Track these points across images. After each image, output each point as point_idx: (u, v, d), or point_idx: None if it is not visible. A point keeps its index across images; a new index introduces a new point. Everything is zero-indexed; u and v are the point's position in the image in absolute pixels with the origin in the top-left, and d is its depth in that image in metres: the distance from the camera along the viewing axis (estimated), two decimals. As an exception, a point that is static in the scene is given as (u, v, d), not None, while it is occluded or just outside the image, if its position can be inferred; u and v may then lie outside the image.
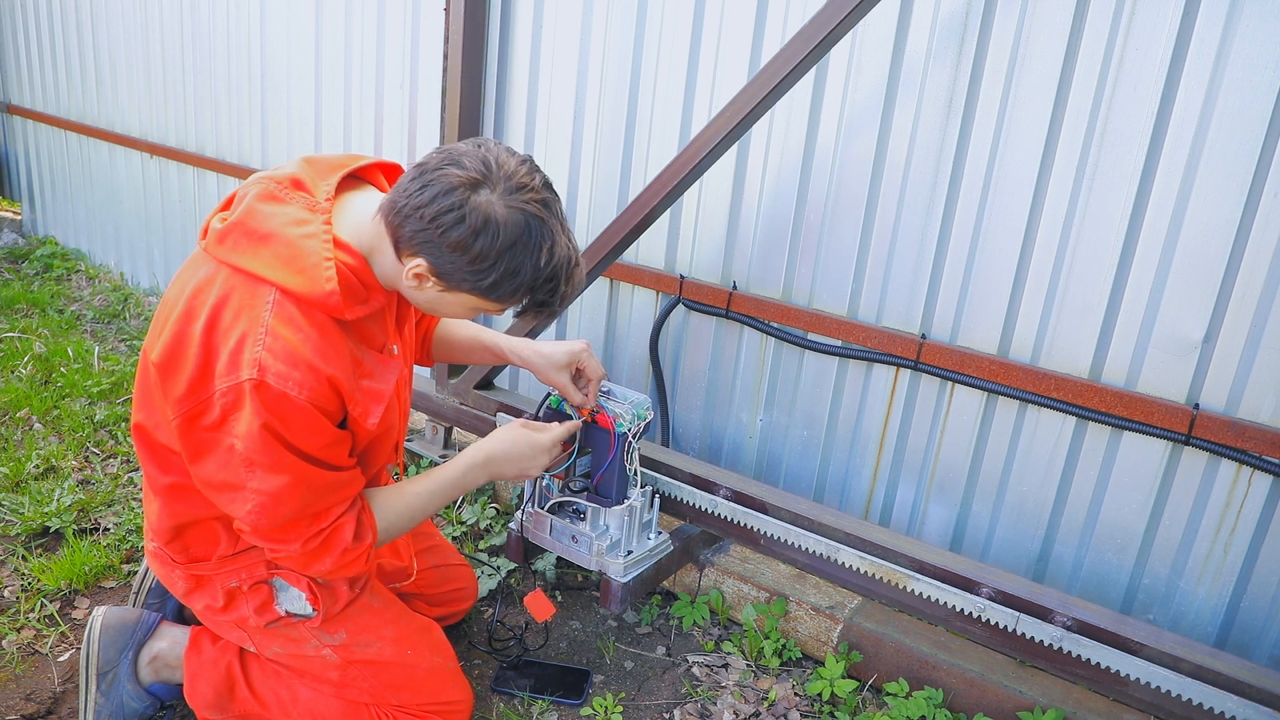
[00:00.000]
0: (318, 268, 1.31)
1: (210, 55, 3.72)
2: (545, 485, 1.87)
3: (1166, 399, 1.83)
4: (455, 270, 1.29)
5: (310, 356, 1.30)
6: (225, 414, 1.29)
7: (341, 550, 1.42)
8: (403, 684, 1.64)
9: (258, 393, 1.26)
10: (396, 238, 1.31)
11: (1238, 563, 1.83)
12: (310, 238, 1.32)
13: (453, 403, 2.51)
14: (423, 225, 1.26)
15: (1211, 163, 1.70)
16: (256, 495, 1.32)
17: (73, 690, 1.80)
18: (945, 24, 1.94)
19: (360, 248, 1.37)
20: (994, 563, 2.12)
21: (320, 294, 1.31)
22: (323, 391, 1.31)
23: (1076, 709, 1.75)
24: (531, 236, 1.29)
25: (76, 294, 4.34)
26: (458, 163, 1.27)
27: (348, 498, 1.44)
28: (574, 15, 2.48)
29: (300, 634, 1.60)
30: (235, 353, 1.27)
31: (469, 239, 1.25)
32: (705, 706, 1.88)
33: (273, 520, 1.35)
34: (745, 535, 1.95)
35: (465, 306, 1.40)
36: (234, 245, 1.32)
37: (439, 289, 1.34)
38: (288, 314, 1.30)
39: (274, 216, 1.33)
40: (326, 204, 1.36)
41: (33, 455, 2.63)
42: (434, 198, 1.25)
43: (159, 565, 1.61)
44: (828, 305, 2.23)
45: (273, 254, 1.31)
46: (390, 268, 1.37)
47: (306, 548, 1.40)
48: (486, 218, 1.25)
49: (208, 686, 1.65)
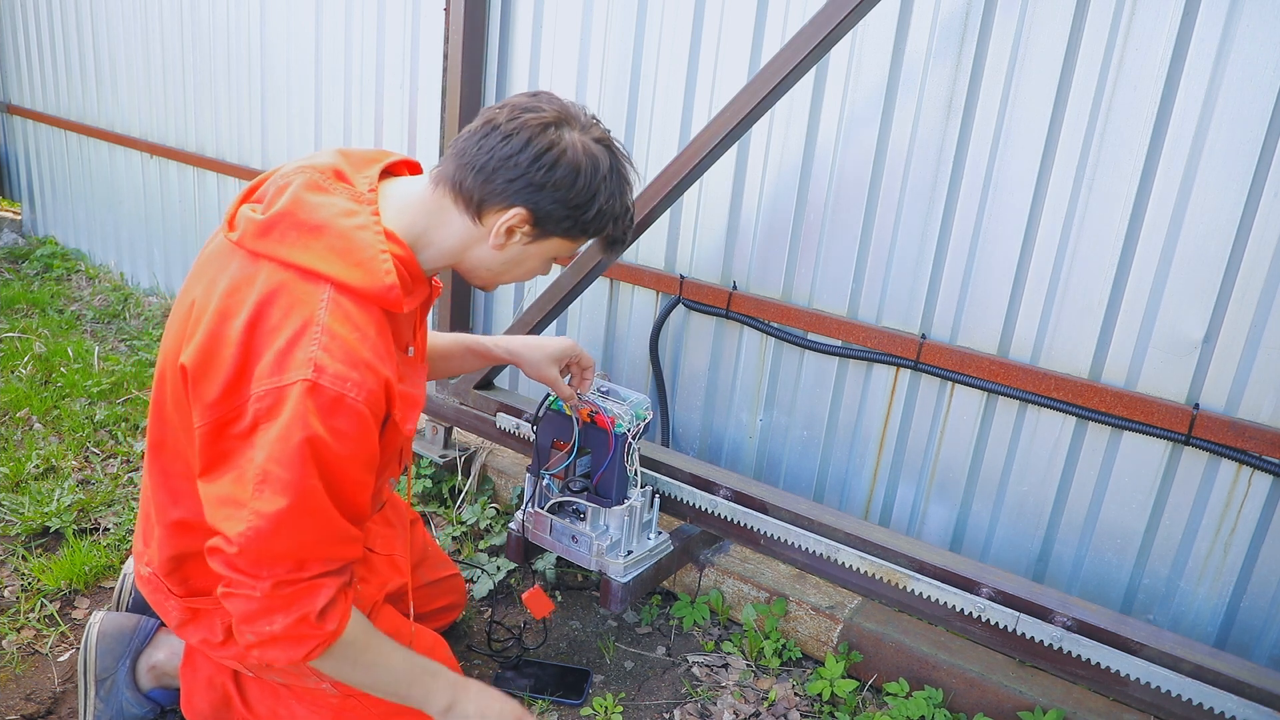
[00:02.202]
0: (375, 260, 1.25)
1: (210, 55, 3.72)
2: (545, 485, 1.87)
3: (1166, 399, 1.83)
4: (555, 210, 1.31)
5: (369, 357, 1.22)
6: (257, 422, 1.19)
7: (300, 616, 1.24)
8: (402, 712, 1.57)
9: (311, 395, 1.16)
10: (481, 197, 1.30)
11: (1238, 563, 1.83)
12: (363, 229, 1.26)
13: (453, 403, 2.51)
14: (520, 171, 1.27)
15: (1211, 163, 1.70)
16: (254, 518, 1.18)
17: (73, 690, 1.80)
18: (945, 24, 1.94)
19: (406, 238, 1.33)
20: (994, 563, 2.12)
21: (381, 288, 1.25)
22: (378, 395, 1.23)
23: (1076, 709, 1.75)
24: (615, 167, 1.35)
25: (76, 294, 4.34)
26: (533, 109, 1.30)
27: (342, 559, 1.29)
28: (574, 15, 2.48)
29: (299, 669, 1.49)
30: (284, 353, 1.18)
31: (572, 175, 1.29)
32: (705, 706, 1.88)
33: (260, 552, 1.20)
34: (745, 535, 1.95)
35: (541, 258, 1.41)
36: (281, 237, 1.24)
37: (526, 240, 1.34)
38: (344, 311, 1.22)
39: (324, 207, 1.26)
40: (370, 194, 1.31)
41: (33, 455, 2.63)
42: (527, 143, 1.27)
43: (152, 592, 1.51)
44: (828, 305, 2.23)
45: (326, 247, 1.23)
46: (452, 243, 1.35)
47: (276, 592, 1.22)
48: (584, 152, 1.30)
49: (204, 702, 1.63)
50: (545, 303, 2.28)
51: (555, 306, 2.27)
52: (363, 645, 1.37)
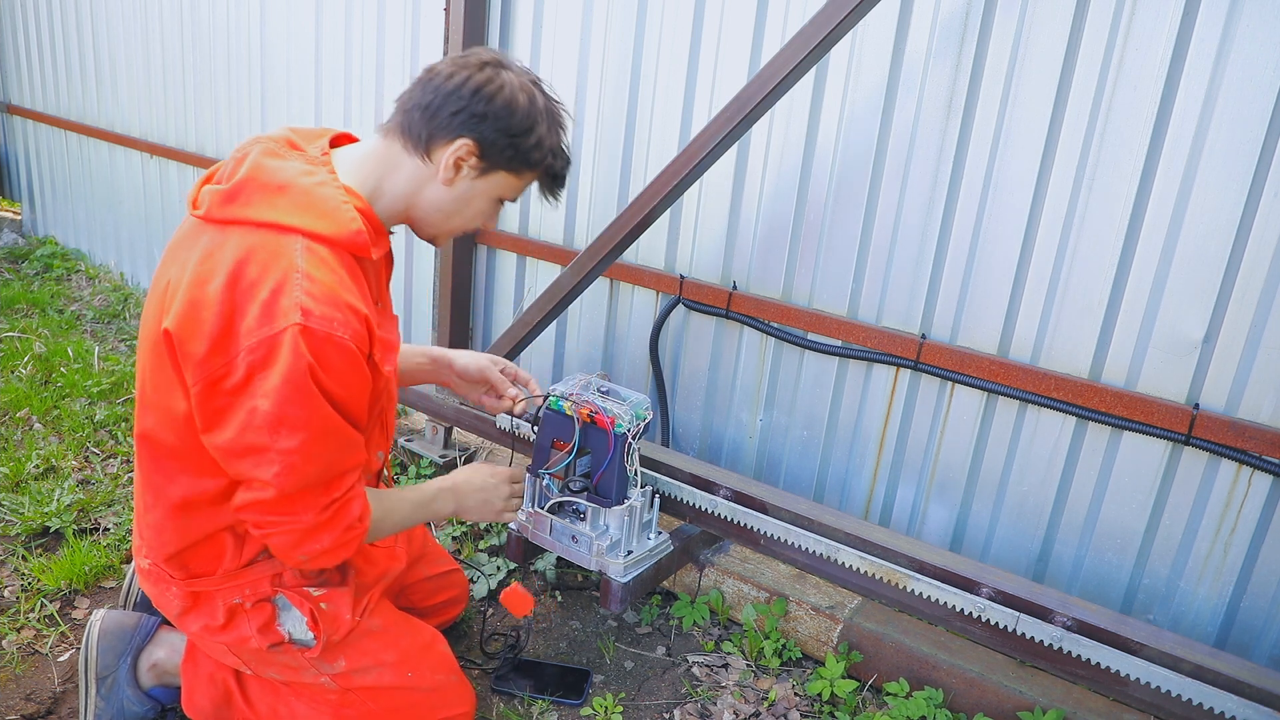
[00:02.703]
0: (339, 209, 1.33)
1: (210, 55, 3.72)
2: (545, 485, 1.87)
3: (1166, 399, 1.83)
4: (498, 139, 1.38)
5: (349, 298, 1.29)
6: (251, 373, 1.25)
7: (346, 526, 1.39)
8: (402, 707, 1.60)
9: (304, 337, 1.23)
10: (429, 133, 1.38)
11: (1238, 562, 1.83)
12: (323, 185, 1.34)
13: (453, 403, 2.51)
14: (464, 103, 1.36)
15: (1211, 163, 1.70)
16: (282, 456, 1.27)
17: (73, 690, 1.80)
18: (945, 24, 1.94)
19: (362, 190, 1.40)
20: (994, 563, 2.12)
21: (348, 233, 1.33)
22: (361, 333, 1.31)
23: (1076, 709, 1.75)
24: (549, 105, 1.45)
25: (76, 294, 4.34)
26: (470, 55, 1.41)
27: (360, 463, 1.41)
28: (574, 15, 2.48)
29: (298, 662, 1.54)
30: (270, 303, 1.24)
31: (513, 100, 1.37)
32: (705, 706, 1.88)
33: (298, 481, 1.30)
34: (745, 535, 1.95)
35: (488, 196, 1.47)
36: (247, 200, 1.31)
37: (474, 175, 1.42)
38: (320, 257, 1.29)
39: (283, 169, 1.34)
40: (324, 158, 1.40)
41: (33, 455, 2.63)
42: (467, 79, 1.36)
43: (152, 585, 1.54)
44: (828, 305, 2.23)
45: (292, 203, 1.31)
46: (405, 187, 1.42)
47: (320, 518, 1.35)
48: (520, 87, 1.39)
49: (205, 699, 1.63)
50: (545, 303, 2.28)
51: (555, 306, 2.27)
52: (380, 515, 1.51)
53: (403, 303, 3.21)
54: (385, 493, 1.57)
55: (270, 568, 1.51)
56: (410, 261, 3.14)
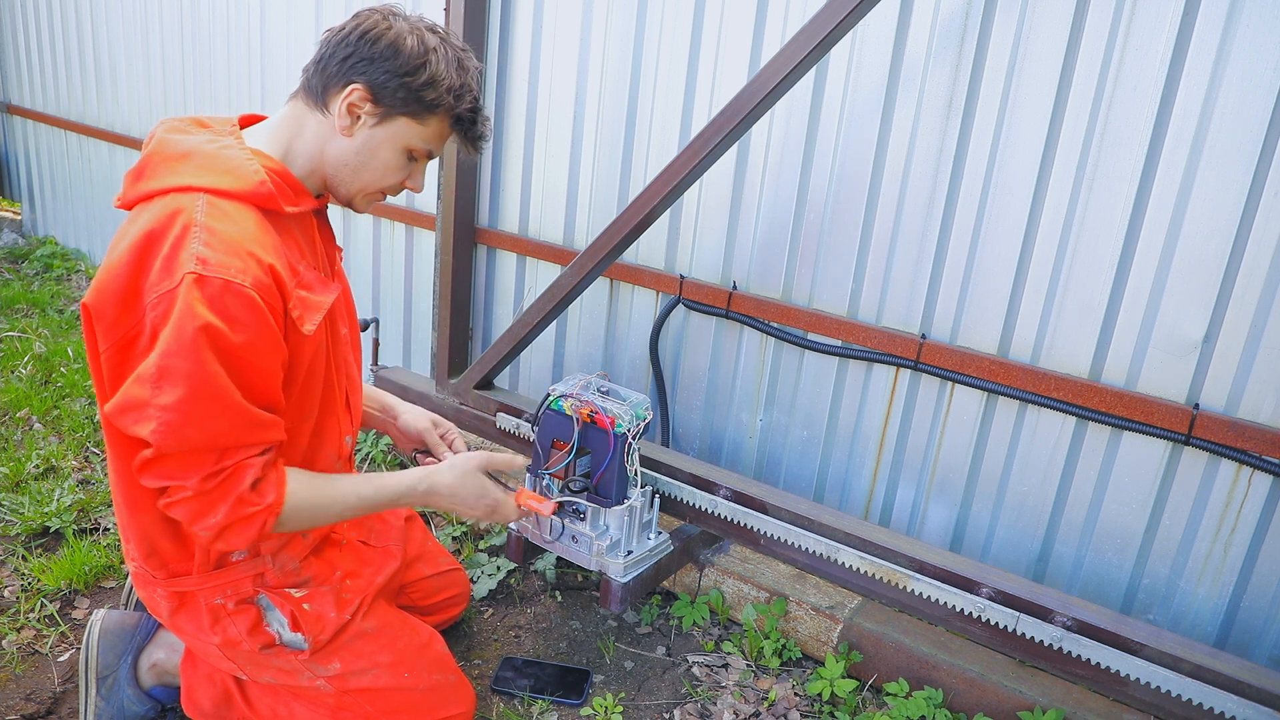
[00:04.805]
0: (243, 165, 1.34)
1: (210, 55, 3.72)
2: (545, 485, 1.87)
3: (1166, 399, 1.83)
4: (388, 81, 1.37)
5: (250, 245, 1.28)
6: (155, 329, 1.22)
7: (236, 499, 1.29)
8: (401, 708, 1.59)
9: (198, 285, 1.20)
10: (323, 85, 1.39)
11: (1238, 563, 1.83)
12: (228, 148, 1.36)
13: (453, 403, 2.51)
14: (350, 49, 1.37)
15: (1211, 163, 1.70)
16: (160, 411, 1.20)
17: (73, 690, 1.80)
18: (945, 24, 1.94)
19: (275, 154, 1.41)
20: (994, 563, 2.12)
21: (251, 185, 1.33)
22: (265, 282, 1.28)
23: (1076, 709, 1.75)
24: (447, 46, 1.42)
25: (76, 294, 4.34)
26: (366, 9, 1.41)
27: (262, 442, 1.32)
28: (574, 15, 2.48)
29: (292, 665, 1.54)
30: (170, 258, 1.23)
31: (398, 40, 1.36)
32: (705, 706, 1.88)
33: (178, 442, 1.23)
34: (745, 535, 1.95)
35: (392, 146, 1.44)
36: (153, 173, 1.33)
37: (373, 121, 1.40)
38: (221, 210, 1.29)
39: (187, 140, 1.36)
40: (232, 129, 1.42)
41: (33, 455, 2.63)
42: (356, 27, 1.38)
43: (141, 587, 1.54)
44: (828, 305, 2.23)
45: (196, 166, 1.32)
46: (313, 145, 1.42)
47: (203, 487, 1.27)
48: (410, 30, 1.38)
49: (205, 699, 1.64)
50: (545, 303, 2.28)
51: (555, 306, 2.27)
52: (308, 494, 1.40)
53: (403, 303, 3.21)
54: (330, 478, 1.47)
55: (252, 567, 1.51)
56: (410, 262, 3.14)
